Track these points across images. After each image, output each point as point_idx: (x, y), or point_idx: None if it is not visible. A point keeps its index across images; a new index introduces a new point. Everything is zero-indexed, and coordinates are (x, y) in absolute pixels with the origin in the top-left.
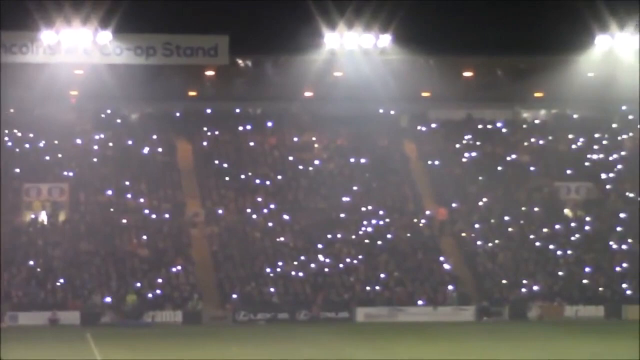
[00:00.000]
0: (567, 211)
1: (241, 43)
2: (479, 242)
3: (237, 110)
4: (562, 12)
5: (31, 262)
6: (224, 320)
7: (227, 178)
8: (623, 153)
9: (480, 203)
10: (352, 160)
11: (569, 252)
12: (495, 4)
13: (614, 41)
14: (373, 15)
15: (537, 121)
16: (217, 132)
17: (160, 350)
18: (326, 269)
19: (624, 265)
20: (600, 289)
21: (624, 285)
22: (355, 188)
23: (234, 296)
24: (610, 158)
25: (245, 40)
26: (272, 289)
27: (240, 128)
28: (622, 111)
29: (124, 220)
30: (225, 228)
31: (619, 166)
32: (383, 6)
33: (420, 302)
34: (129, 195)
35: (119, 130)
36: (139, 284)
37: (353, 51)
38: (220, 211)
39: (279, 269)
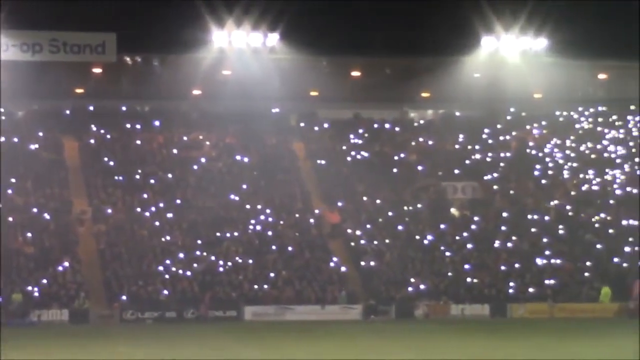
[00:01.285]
0: (453, 210)
1: (129, 40)
2: (366, 241)
3: (125, 108)
4: (449, 14)
5: None
6: (111, 319)
7: (114, 176)
8: (508, 153)
9: (368, 202)
10: (240, 158)
11: (455, 251)
12: (383, 5)
13: (499, 43)
14: (261, 14)
15: (424, 121)
16: (104, 130)
17: (46, 350)
18: (214, 268)
19: (509, 264)
20: (486, 288)
21: (509, 284)
22: (243, 186)
23: (122, 295)
24: (496, 158)
25: (133, 37)
26: (159, 288)
27: (128, 126)
28: (507, 111)
29: (10, 219)
30: (113, 226)
31: (504, 166)
32: (271, 5)
33: (308, 301)
34: (14, 193)
35: (5, 127)
36: (24, 283)
37: (242, 50)
38: (107, 209)
39: (166, 268)
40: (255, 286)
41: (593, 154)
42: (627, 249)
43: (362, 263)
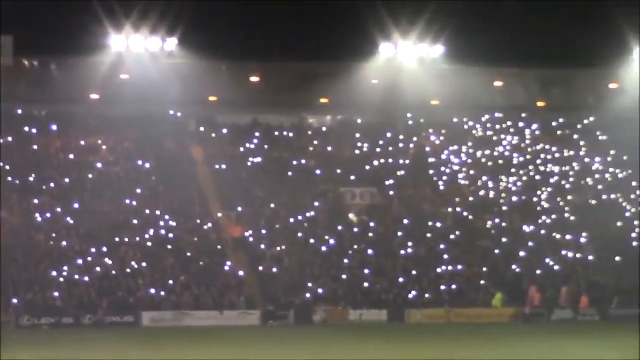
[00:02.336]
0: (351, 216)
1: (26, 43)
2: (264, 247)
3: (21, 112)
4: (347, 20)
5: None
6: (7, 325)
7: (10, 180)
8: (406, 159)
9: (267, 207)
10: (138, 163)
11: (352, 256)
12: (282, 10)
13: (397, 49)
14: (159, 18)
15: (322, 127)
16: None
17: None
18: (111, 273)
19: (407, 269)
20: (383, 293)
21: (407, 289)
22: (141, 191)
23: (17, 300)
24: (394, 164)
25: (29, 40)
26: (56, 293)
27: (25, 129)
28: (405, 117)
29: None
30: (9, 231)
31: (402, 172)
32: (169, 9)
33: (206, 306)
34: None
35: None
36: None
37: (140, 54)
38: (2, 214)
39: (63, 273)
40: (153, 291)
41: (489, 160)
42: (522, 253)
43: (261, 268)
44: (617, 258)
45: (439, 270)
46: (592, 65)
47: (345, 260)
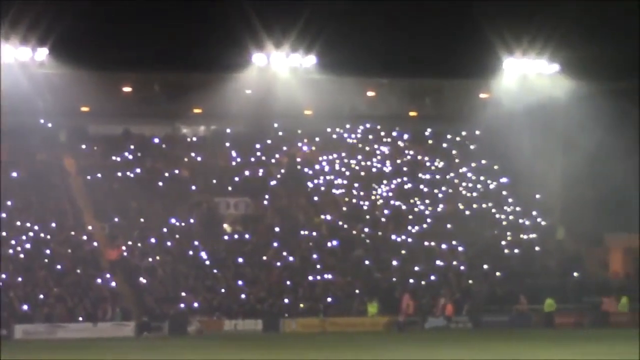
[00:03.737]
0: (226, 226)
1: None
2: (139, 258)
3: None
4: (220, 30)
5: None
6: None
7: None
8: (280, 169)
9: (140, 218)
10: (10, 174)
11: (227, 267)
12: (153, 20)
13: (270, 59)
14: (30, 28)
15: (196, 137)
16: None
17: None
18: None
19: (281, 279)
20: (258, 303)
21: (281, 299)
22: (12, 203)
23: None
24: (268, 174)
25: None
26: None
27: None
28: (279, 127)
29: None
30: None
31: (276, 182)
32: (40, 19)
33: (80, 318)
34: None
35: None
36: None
37: (10, 64)
38: None
39: None
40: (26, 304)
41: (363, 170)
42: (395, 262)
43: (135, 279)
44: (489, 266)
45: (313, 279)
46: (462, 75)
47: (220, 271)
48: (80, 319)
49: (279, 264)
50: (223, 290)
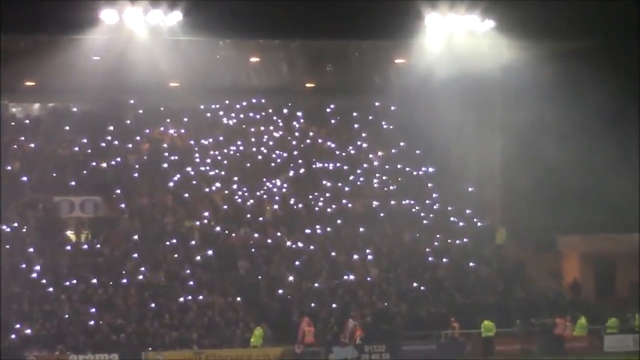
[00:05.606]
0: (69, 233)
1: None
2: None
3: None
4: None
5: None
6: None
7: None
8: (140, 158)
9: None
10: None
11: (72, 285)
12: None
13: (123, 16)
14: None
15: (29, 118)
16: None
17: None
18: None
19: (143, 301)
20: (114, 333)
21: (143, 327)
22: None
23: None
24: (124, 165)
25: None
26: None
27: None
28: (134, 104)
29: None
30: None
31: (135, 174)
32: None
33: None
34: None
35: None
36: None
37: None
38: None
39: None
40: None
41: (246, 159)
42: (290, 278)
43: None
44: (410, 280)
45: (184, 301)
46: (373, 36)
47: (62, 292)
48: None
49: (139, 281)
50: (67, 317)
